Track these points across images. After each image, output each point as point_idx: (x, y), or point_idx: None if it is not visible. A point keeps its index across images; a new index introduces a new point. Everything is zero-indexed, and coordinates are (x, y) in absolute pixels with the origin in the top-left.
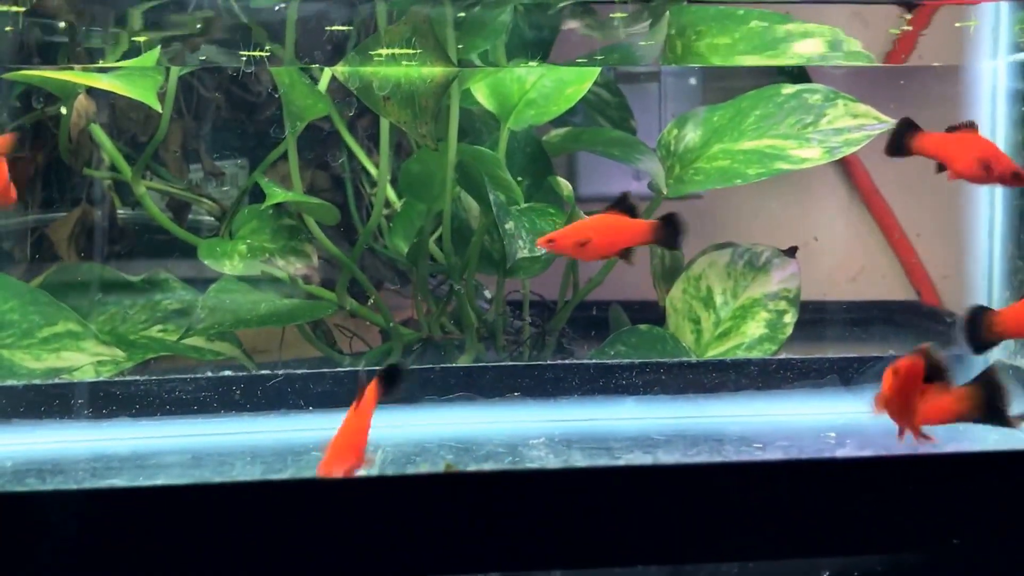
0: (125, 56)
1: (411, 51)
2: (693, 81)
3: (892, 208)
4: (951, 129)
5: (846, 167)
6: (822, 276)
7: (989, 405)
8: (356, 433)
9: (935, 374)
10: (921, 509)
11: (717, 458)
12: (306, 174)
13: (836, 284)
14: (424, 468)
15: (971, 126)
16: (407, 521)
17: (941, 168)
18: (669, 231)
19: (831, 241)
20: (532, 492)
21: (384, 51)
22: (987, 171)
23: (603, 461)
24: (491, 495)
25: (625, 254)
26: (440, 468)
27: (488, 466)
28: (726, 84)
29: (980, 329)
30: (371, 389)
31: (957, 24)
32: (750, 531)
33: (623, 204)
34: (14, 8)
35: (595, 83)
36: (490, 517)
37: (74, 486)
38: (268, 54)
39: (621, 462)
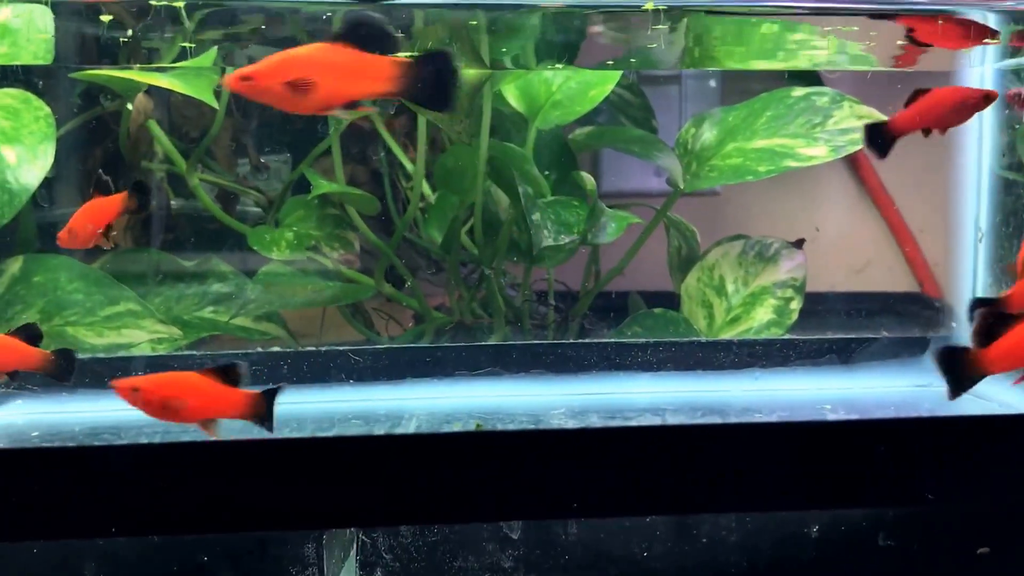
0: (180, 56)
1: None
2: (712, 83)
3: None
4: (908, 103)
5: (855, 166)
6: (832, 268)
7: None
8: None
9: None
10: (898, 468)
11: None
12: (346, 168)
13: (845, 275)
14: (457, 427)
15: (920, 91)
16: (443, 472)
17: (928, 132)
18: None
19: (841, 235)
20: (552, 449)
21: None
22: (965, 107)
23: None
24: (516, 451)
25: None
26: (471, 427)
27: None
28: (743, 86)
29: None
30: None
31: None
32: (747, 487)
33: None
34: (103, 18)
35: (619, 84)
36: (515, 471)
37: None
38: None
39: (632, 423)
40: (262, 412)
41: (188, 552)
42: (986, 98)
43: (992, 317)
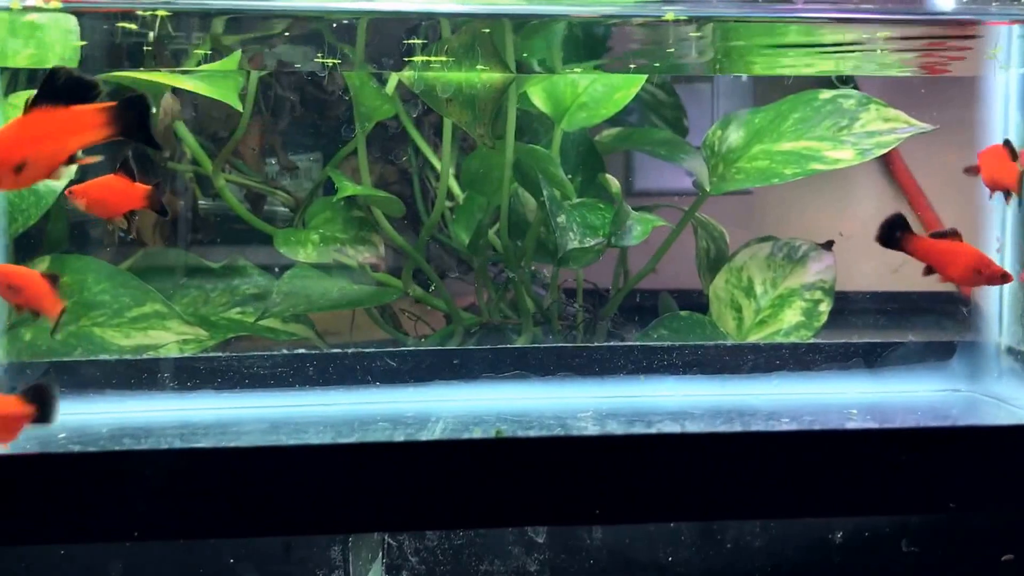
0: (207, 59)
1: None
2: (744, 79)
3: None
4: (937, 235)
5: (891, 169)
6: (868, 267)
7: None
8: None
9: None
10: (923, 476)
11: (742, 428)
12: (375, 169)
13: (880, 275)
14: (478, 433)
15: (955, 235)
16: (468, 477)
17: (930, 271)
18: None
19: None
20: (577, 455)
21: (446, 57)
22: (978, 275)
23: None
24: (540, 457)
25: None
26: (492, 434)
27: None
28: (776, 83)
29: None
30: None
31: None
32: (772, 493)
33: None
34: (125, 25)
35: (651, 83)
36: (540, 476)
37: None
38: (339, 62)
39: (653, 430)
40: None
41: (215, 555)
42: (1003, 276)
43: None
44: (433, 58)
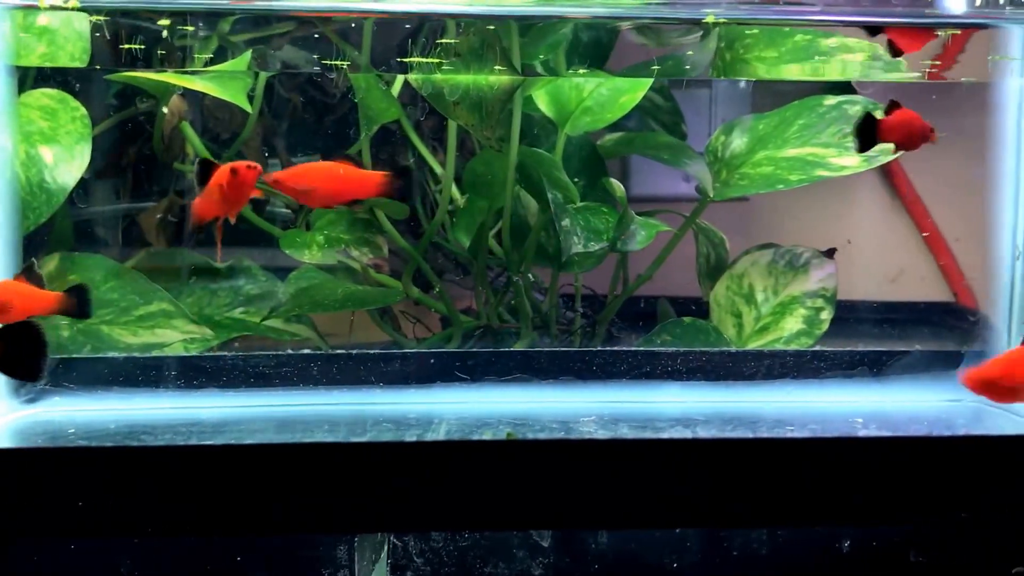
0: (214, 59)
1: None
2: (743, 85)
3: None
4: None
5: (889, 176)
6: (865, 277)
7: None
8: None
9: None
10: (932, 485)
11: (750, 434)
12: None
13: (878, 285)
14: (488, 434)
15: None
16: (473, 479)
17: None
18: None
19: (874, 244)
20: (583, 460)
21: (455, 59)
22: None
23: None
24: (546, 460)
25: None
26: (503, 436)
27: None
28: (775, 89)
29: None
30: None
31: (990, 57)
32: (779, 501)
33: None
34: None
35: (650, 88)
36: (545, 480)
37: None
38: (348, 63)
39: (664, 435)
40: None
41: (222, 552)
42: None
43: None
44: (442, 60)
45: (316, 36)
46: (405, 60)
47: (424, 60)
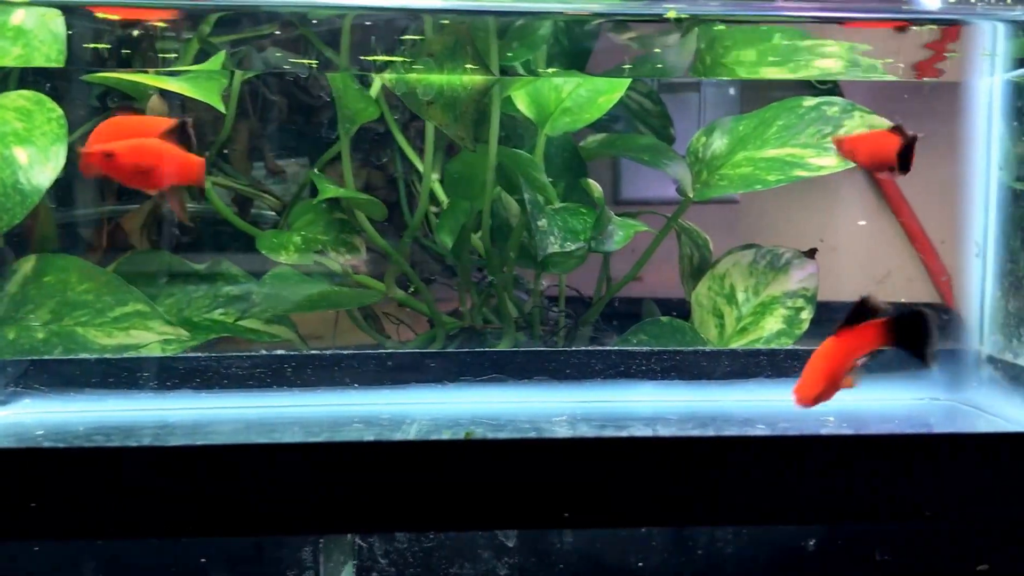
0: (195, 60)
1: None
2: (732, 91)
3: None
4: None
5: (875, 177)
6: (853, 277)
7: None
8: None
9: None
10: (898, 484)
11: (715, 433)
12: (363, 173)
13: (864, 286)
14: (447, 435)
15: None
16: (439, 480)
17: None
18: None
19: (860, 246)
20: (548, 459)
21: (428, 58)
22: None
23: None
24: (512, 460)
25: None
26: (461, 436)
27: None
28: (763, 94)
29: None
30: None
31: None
32: (744, 500)
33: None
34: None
35: (637, 92)
36: (510, 480)
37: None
38: (316, 63)
39: (624, 434)
40: None
41: (186, 554)
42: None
43: None
44: (414, 60)
45: (293, 38)
46: (375, 59)
47: (395, 59)
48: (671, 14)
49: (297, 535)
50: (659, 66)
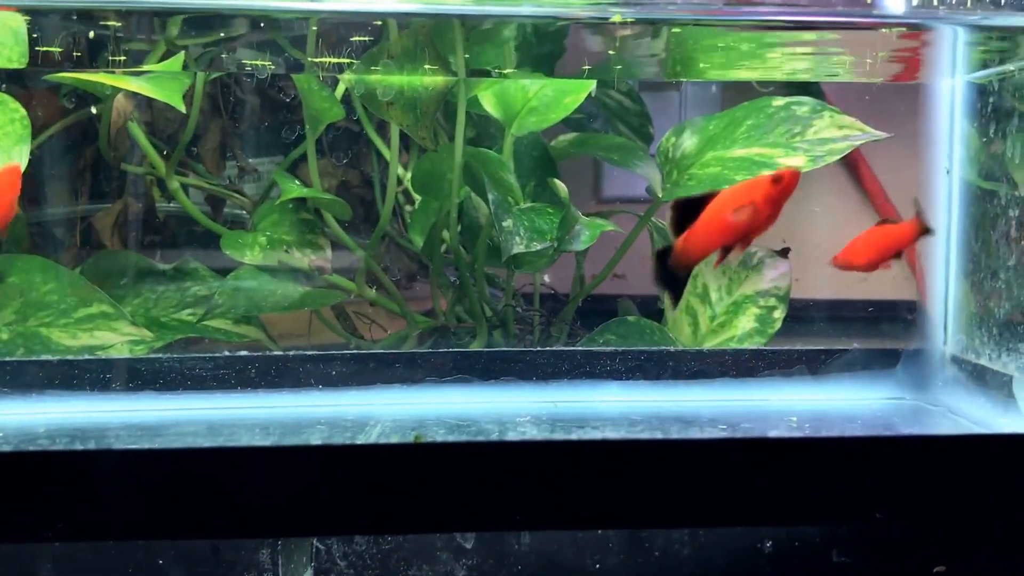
0: (163, 60)
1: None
2: (713, 89)
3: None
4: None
5: (855, 172)
6: (835, 276)
7: None
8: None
9: None
10: (852, 486)
11: (673, 435)
12: (337, 173)
13: (848, 284)
14: (395, 439)
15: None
16: (396, 483)
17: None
18: None
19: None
20: (504, 462)
21: (388, 60)
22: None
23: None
24: (468, 463)
25: None
26: (410, 439)
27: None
28: (743, 96)
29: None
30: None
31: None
32: (701, 502)
33: None
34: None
35: (618, 91)
36: (467, 482)
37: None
38: (271, 65)
39: (579, 436)
40: None
41: (144, 556)
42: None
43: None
44: (373, 62)
45: (259, 40)
46: (331, 61)
47: (351, 62)
48: (616, 18)
49: (255, 538)
50: (630, 67)
